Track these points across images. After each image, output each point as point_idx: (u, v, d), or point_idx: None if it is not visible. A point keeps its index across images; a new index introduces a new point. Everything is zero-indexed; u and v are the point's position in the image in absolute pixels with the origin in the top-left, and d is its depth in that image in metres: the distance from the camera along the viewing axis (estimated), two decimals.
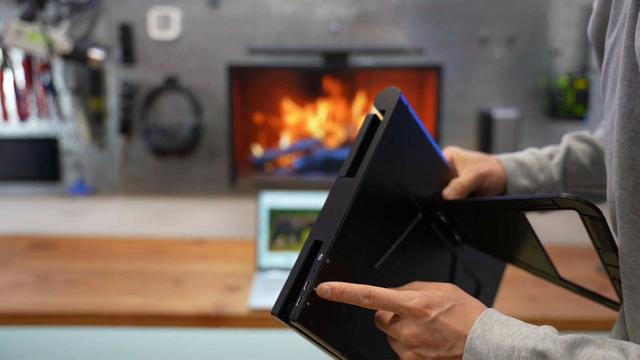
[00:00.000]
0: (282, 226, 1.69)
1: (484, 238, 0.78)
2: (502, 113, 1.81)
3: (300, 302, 0.55)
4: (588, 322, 1.39)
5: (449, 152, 0.80)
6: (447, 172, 0.76)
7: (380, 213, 0.63)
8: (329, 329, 0.58)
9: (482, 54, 1.85)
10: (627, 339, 0.60)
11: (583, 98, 1.77)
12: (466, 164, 0.79)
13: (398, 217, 0.67)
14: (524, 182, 0.81)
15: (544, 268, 0.73)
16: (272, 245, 1.68)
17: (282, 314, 0.55)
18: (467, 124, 1.88)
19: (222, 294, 1.51)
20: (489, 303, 0.88)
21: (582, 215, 0.57)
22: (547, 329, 0.53)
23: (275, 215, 1.69)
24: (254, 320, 1.41)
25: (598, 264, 1.69)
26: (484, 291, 0.86)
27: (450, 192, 0.74)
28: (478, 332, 0.54)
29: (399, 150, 0.64)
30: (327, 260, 0.56)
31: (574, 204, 0.56)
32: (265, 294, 1.49)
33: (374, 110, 0.64)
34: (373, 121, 0.63)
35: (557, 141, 0.89)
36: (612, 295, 0.72)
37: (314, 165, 1.92)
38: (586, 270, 1.69)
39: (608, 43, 0.62)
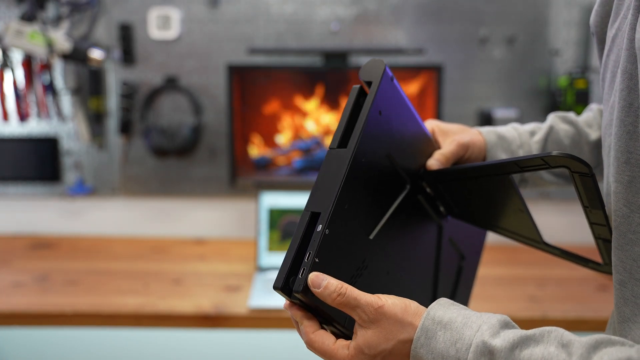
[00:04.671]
0: (289, 225, 1.69)
1: (469, 207, 0.78)
2: (502, 113, 1.81)
3: (303, 273, 0.55)
4: (588, 322, 1.39)
5: (430, 125, 0.81)
6: (430, 144, 0.77)
7: (372, 184, 0.64)
8: None
9: (482, 54, 1.85)
10: (616, 333, 0.60)
11: (583, 98, 1.77)
12: (448, 135, 0.80)
13: (388, 189, 0.68)
14: (502, 155, 0.81)
15: (528, 234, 0.73)
16: (281, 246, 1.69)
17: (285, 287, 0.55)
18: (467, 124, 1.86)
19: (222, 294, 1.51)
20: (472, 273, 0.89)
21: (572, 173, 0.57)
22: (485, 334, 0.52)
23: (280, 215, 1.69)
24: (254, 320, 1.41)
25: None
26: (468, 262, 0.86)
27: (433, 162, 0.74)
28: (422, 340, 0.54)
29: (387, 121, 0.64)
30: (327, 231, 0.56)
31: (564, 161, 0.56)
32: (265, 294, 1.49)
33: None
34: (359, 93, 0.63)
35: None
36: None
37: (314, 165, 1.92)
38: (586, 271, 1.67)
39: (609, 34, 0.62)
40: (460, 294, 0.86)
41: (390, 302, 0.55)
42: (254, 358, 1.98)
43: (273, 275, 1.62)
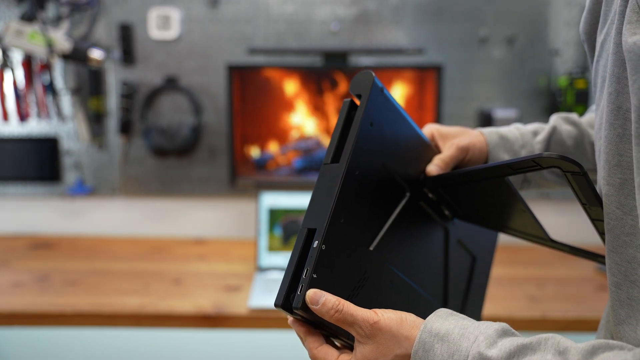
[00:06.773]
0: (289, 224, 1.69)
1: (473, 209, 0.78)
2: (502, 113, 1.81)
3: (302, 290, 0.55)
4: (588, 322, 1.39)
5: (429, 130, 0.80)
6: (429, 149, 0.77)
7: (369, 195, 0.64)
8: None
9: (482, 54, 1.85)
10: (612, 336, 0.60)
11: (583, 98, 1.77)
12: (447, 139, 0.79)
13: (387, 198, 0.68)
14: (504, 156, 0.81)
15: (535, 232, 0.73)
16: (286, 246, 1.68)
17: (286, 304, 0.56)
18: (467, 124, 1.88)
19: (222, 294, 1.51)
20: (485, 274, 0.89)
21: (565, 173, 0.57)
22: (482, 345, 0.51)
23: (281, 215, 1.69)
24: (254, 320, 1.41)
25: (598, 265, 1.69)
26: (480, 263, 0.86)
27: (433, 168, 0.74)
28: (420, 353, 0.54)
29: (379, 132, 0.65)
30: (323, 247, 0.57)
31: (555, 161, 0.57)
32: (265, 294, 1.49)
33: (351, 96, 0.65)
34: (351, 107, 0.63)
35: None
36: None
37: (313, 165, 1.92)
38: (586, 271, 1.69)
39: (599, 40, 0.62)
40: (473, 294, 0.86)
41: (385, 316, 0.55)
42: (254, 358, 1.98)
43: (273, 275, 1.62)
